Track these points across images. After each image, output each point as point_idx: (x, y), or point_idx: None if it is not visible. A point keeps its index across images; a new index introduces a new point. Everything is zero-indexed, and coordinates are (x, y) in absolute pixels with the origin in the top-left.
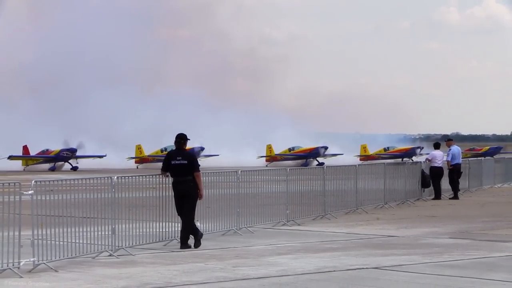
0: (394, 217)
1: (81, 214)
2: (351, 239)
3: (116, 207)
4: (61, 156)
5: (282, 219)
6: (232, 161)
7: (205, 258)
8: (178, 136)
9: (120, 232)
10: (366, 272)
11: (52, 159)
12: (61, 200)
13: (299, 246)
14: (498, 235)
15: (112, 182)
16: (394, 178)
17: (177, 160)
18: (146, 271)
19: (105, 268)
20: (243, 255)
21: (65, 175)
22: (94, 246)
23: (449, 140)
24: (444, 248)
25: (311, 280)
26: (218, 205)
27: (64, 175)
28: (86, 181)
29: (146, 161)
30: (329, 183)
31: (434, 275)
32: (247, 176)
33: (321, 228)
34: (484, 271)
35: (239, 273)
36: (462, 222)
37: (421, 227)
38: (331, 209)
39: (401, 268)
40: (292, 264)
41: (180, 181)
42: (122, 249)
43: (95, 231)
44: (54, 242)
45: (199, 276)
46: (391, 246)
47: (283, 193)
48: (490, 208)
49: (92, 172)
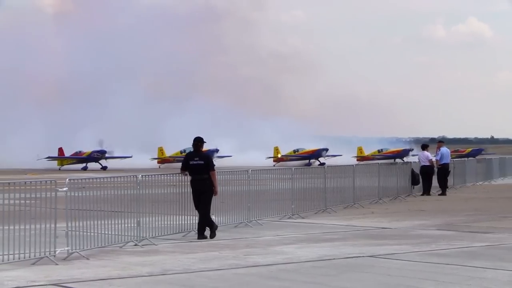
0: (387, 211)
1: (110, 208)
2: (349, 231)
3: (141, 202)
4: (92, 157)
5: (288, 213)
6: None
7: (220, 248)
8: (195, 139)
9: (144, 224)
10: (363, 260)
11: (84, 159)
12: (92, 196)
13: (303, 236)
14: (480, 227)
15: (137, 180)
16: (387, 176)
17: (195, 160)
18: (167, 259)
19: (131, 256)
20: (253, 245)
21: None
22: (121, 236)
23: (440, 142)
24: (432, 239)
25: (313, 267)
26: (231, 200)
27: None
28: (114, 179)
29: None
30: (330, 181)
31: (423, 263)
32: (256, 175)
33: (323, 221)
34: (467, 259)
35: (250, 260)
36: (447, 215)
37: (411, 220)
38: (331, 204)
39: (394, 257)
40: (296, 252)
41: (197, 179)
42: (146, 240)
43: (122, 224)
44: (85, 233)
45: (214, 264)
46: (384, 237)
47: (289, 189)
48: (473, 203)
49: (119, 171)
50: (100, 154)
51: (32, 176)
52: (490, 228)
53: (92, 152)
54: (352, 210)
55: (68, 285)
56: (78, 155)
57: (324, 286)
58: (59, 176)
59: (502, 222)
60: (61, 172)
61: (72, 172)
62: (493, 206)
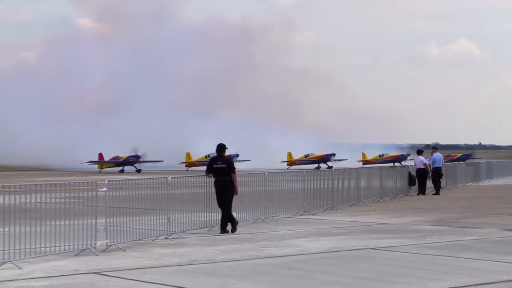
0: (387, 208)
1: (143, 206)
2: (354, 226)
3: (171, 201)
4: (128, 161)
5: (299, 210)
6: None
7: (240, 241)
8: (218, 146)
9: (173, 220)
10: (366, 251)
11: (121, 163)
12: (128, 195)
13: (313, 231)
14: (469, 223)
15: (168, 181)
16: (387, 178)
17: (218, 164)
18: (194, 251)
19: (162, 248)
20: (269, 238)
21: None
22: (153, 231)
23: (434, 148)
24: (427, 233)
25: (322, 258)
26: (249, 199)
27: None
28: (147, 180)
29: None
30: (336, 182)
31: (419, 254)
32: (272, 177)
33: (330, 217)
34: (458, 251)
35: (266, 252)
36: (440, 212)
37: (408, 216)
38: (338, 203)
39: (393, 249)
40: (307, 245)
41: (220, 180)
42: (175, 234)
43: (154, 219)
44: (122, 228)
45: (235, 255)
46: (385, 231)
47: (301, 189)
48: (463, 202)
49: (152, 174)
50: (135, 159)
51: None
52: (479, 223)
53: (128, 157)
54: (356, 208)
55: (107, 274)
56: (115, 160)
57: (332, 274)
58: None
59: (489, 218)
60: (101, 175)
61: (110, 175)
62: (481, 205)
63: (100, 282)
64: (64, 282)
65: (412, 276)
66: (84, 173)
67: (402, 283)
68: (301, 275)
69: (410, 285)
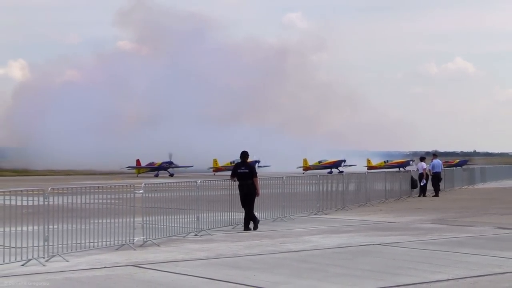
0: (392, 209)
1: (175, 206)
2: (362, 224)
3: (200, 202)
4: (162, 167)
5: (314, 210)
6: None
7: (261, 237)
8: (242, 153)
9: (202, 218)
10: (373, 247)
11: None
12: (162, 196)
13: (326, 229)
14: (465, 221)
15: (197, 184)
16: (392, 181)
17: (242, 169)
18: (220, 246)
19: (192, 244)
20: (287, 235)
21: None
22: (184, 228)
23: (434, 155)
24: (427, 231)
25: (334, 253)
26: (269, 200)
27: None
28: (179, 184)
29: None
30: (347, 185)
31: (421, 249)
32: (290, 180)
33: (341, 217)
34: (455, 247)
35: (284, 247)
36: (439, 212)
37: (411, 216)
38: (348, 203)
39: (397, 244)
40: (321, 241)
41: (244, 183)
42: (203, 231)
43: (185, 218)
44: (157, 225)
45: (256, 250)
46: (390, 229)
47: (315, 192)
48: (460, 203)
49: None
50: (169, 164)
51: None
52: (474, 222)
53: (162, 163)
54: (364, 208)
55: (144, 266)
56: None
57: (343, 267)
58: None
59: (483, 217)
60: (138, 178)
61: (146, 178)
62: (475, 205)
63: (137, 274)
64: (106, 273)
65: (414, 269)
66: (123, 177)
67: (406, 275)
68: (315, 268)
69: (413, 277)
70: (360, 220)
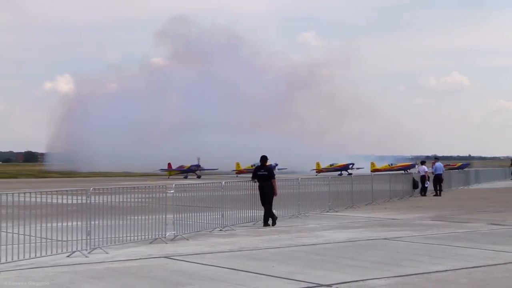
0: (396, 207)
1: (202, 205)
2: (369, 221)
3: (224, 200)
4: (191, 169)
5: (326, 208)
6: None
7: (278, 232)
8: (262, 157)
9: (226, 215)
10: (379, 241)
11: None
12: (190, 196)
13: (337, 224)
14: (461, 218)
15: (222, 185)
16: (395, 183)
17: (261, 172)
18: (242, 240)
19: (217, 238)
20: (302, 230)
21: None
22: (210, 224)
23: (435, 159)
24: (427, 226)
25: (344, 246)
26: (286, 199)
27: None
28: (205, 184)
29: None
30: (355, 186)
31: (421, 243)
32: (304, 182)
33: (350, 214)
34: (452, 241)
35: (300, 241)
36: (438, 210)
37: (413, 213)
38: (356, 202)
39: (400, 239)
40: (332, 236)
41: (263, 185)
42: (227, 226)
43: (211, 215)
44: (186, 222)
45: (274, 243)
46: (394, 225)
47: (327, 192)
48: (456, 202)
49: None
50: (196, 167)
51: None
52: (469, 219)
53: (191, 166)
54: (371, 206)
55: (175, 258)
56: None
57: (352, 259)
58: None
59: (477, 215)
60: (169, 180)
61: (176, 180)
62: (471, 204)
63: (169, 264)
64: (141, 264)
65: (415, 261)
66: (156, 179)
67: (408, 266)
68: (327, 260)
69: (414, 268)
70: (367, 217)
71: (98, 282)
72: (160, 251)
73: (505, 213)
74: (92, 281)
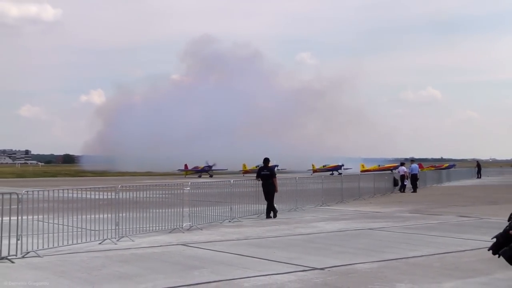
0: (379, 202)
1: (214, 200)
2: (356, 213)
3: (232, 196)
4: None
5: (319, 203)
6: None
7: (279, 223)
8: (264, 159)
9: (234, 209)
10: (364, 231)
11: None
12: (203, 192)
13: (329, 217)
14: (435, 211)
15: (230, 183)
16: (379, 181)
17: (264, 171)
18: (248, 230)
19: (227, 228)
20: (299, 222)
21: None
22: (221, 216)
23: (412, 161)
24: (406, 218)
25: (335, 235)
26: (286, 195)
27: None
28: (217, 182)
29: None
30: (345, 183)
31: (401, 233)
32: (301, 180)
33: (340, 208)
34: (428, 231)
35: (297, 231)
36: (415, 204)
37: (394, 207)
38: (346, 198)
39: (383, 229)
40: (325, 226)
41: (266, 183)
42: (235, 218)
43: (221, 208)
44: (200, 214)
45: (276, 233)
46: (377, 217)
47: (320, 189)
48: (430, 198)
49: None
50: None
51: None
52: (441, 212)
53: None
54: (358, 201)
55: (190, 245)
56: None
57: (341, 246)
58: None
59: (448, 208)
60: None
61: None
62: (443, 199)
63: (185, 251)
64: (162, 250)
65: (396, 248)
66: (174, 178)
67: (390, 253)
68: (321, 247)
69: (395, 254)
70: (354, 210)
71: (126, 265)
72: (178, 239)
73: (472, 207)
74: (120, 264)
